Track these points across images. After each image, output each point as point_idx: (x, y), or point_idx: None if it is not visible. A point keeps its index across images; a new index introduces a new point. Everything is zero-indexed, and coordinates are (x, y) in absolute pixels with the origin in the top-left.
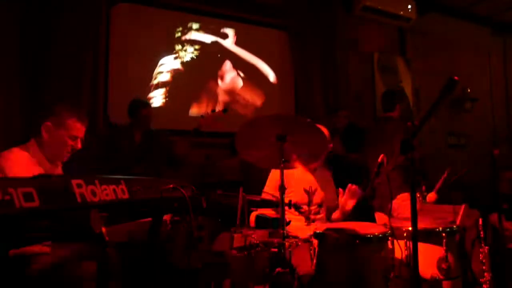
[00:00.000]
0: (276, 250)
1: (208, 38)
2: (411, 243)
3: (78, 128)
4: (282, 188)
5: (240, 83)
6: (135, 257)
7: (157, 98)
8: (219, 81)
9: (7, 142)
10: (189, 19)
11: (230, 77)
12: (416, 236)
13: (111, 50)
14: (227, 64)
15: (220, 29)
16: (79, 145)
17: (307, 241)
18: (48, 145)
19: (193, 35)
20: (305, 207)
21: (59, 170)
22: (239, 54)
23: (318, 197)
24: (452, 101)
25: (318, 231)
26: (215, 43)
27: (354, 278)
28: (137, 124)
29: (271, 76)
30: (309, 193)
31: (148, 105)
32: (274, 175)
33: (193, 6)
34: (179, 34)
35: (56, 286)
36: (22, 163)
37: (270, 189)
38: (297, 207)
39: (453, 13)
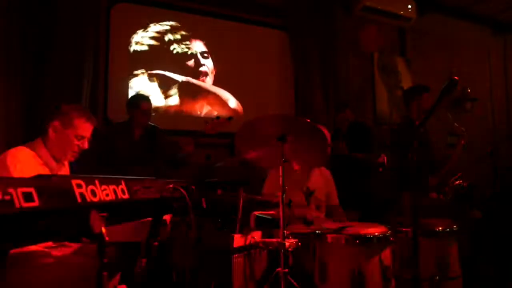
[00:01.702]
0: (276, 250)
1: (208, 37)
2: (411, 243)
3: (86, 128)
4: (282, 188)
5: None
6: (135, 257)
7: (159, 98)
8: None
9: (7, 141)
10: (189, 19)
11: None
12: (416, 236)
13: (111, 50)
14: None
15: (219, 29)
16: (86, 145)
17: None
18: (54, 145)
19: (194, 35)
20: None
21: (65, 170)
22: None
23: (315, 198)
24: (452, 101)
25: (318, 231)
26: (215, 43)
27: (354, 278)
28: (136, 119)
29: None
30: (307, 194)
31: (148, 99)
32: (272, 176)
33: (193, 6)
34: (179, 33)
35: (56, 286)
36: (27, 162)
37: (269, 190)
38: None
39: (453, 13)
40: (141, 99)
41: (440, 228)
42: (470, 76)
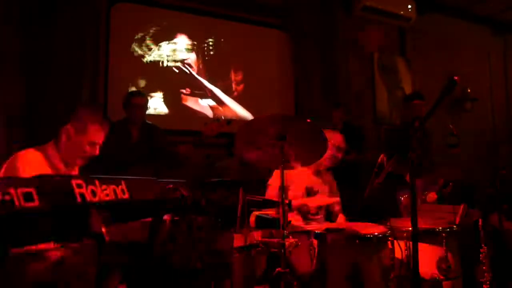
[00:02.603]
0: (276, 250)
1: (208, 38)
2: (411, 243)
3: (99, 135)
4: (282, 188)
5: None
6: (135, 257)
7: (159, 98)
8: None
9: (7, 141)
10: (189, 19)
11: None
12: (416, 236)
13: (111, 50)
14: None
15: (219, 29)
16: (97, 151)
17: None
18: (65, 148)
19: (193, 34)
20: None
21: (75, 174)
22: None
23: (319, 199)
24: (452, 101)
25: (318, 231)
26: (215, 42)
27: (354, 278)
28: (131, 116)
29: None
30: (311, 191)
31: (141, 94)
32: (276, 176)
33: (193, 6)
34: (179, 33)
35: (56, 286)
36: (36, 164)
37: (274, 182)
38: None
39: (453, 13)
40: (134, 95)
41: (440, 228)
42: (470, 76)
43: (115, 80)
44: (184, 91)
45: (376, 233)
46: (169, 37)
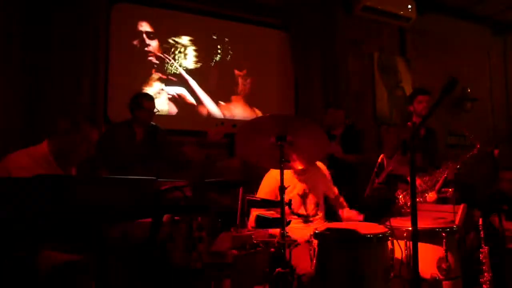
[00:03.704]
0: (276, 250)
1: (208, 38)
2: (411, 243)
3: (92, 133)
4: (282, 188)
5: None
6: (135, 257)
7: (160, 98)
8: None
9: (7, 141)
10: (189, 19)
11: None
12: (416, 236)
13: (111, 50)
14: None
15: (219, 29)
16: (92, 150)
17: (307, 241)
18: (59, 148)
19: (194, 34)
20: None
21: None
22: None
23: (313, 198)
24: (452, 101)
25: (318, 231)
26: (215, 43)
27: (354, 278)
28: (138, 118)
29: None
30: (304, 198)
31: (152, 98)
32: (266, 181)
33: (193, 6)
34: (179, 34)
35: (57, 285)
36: (27, 166)
37: (262, 195)
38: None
39: (453, 13)
40: (144, 98)
41: (440, 228)
42: (470, 76)
43: (115, 80)
44: (161, 75)
45: (376, 233)
46: (169, 37)
